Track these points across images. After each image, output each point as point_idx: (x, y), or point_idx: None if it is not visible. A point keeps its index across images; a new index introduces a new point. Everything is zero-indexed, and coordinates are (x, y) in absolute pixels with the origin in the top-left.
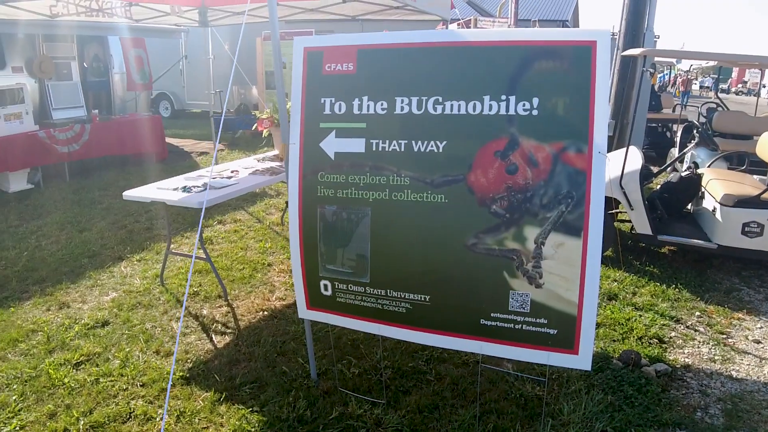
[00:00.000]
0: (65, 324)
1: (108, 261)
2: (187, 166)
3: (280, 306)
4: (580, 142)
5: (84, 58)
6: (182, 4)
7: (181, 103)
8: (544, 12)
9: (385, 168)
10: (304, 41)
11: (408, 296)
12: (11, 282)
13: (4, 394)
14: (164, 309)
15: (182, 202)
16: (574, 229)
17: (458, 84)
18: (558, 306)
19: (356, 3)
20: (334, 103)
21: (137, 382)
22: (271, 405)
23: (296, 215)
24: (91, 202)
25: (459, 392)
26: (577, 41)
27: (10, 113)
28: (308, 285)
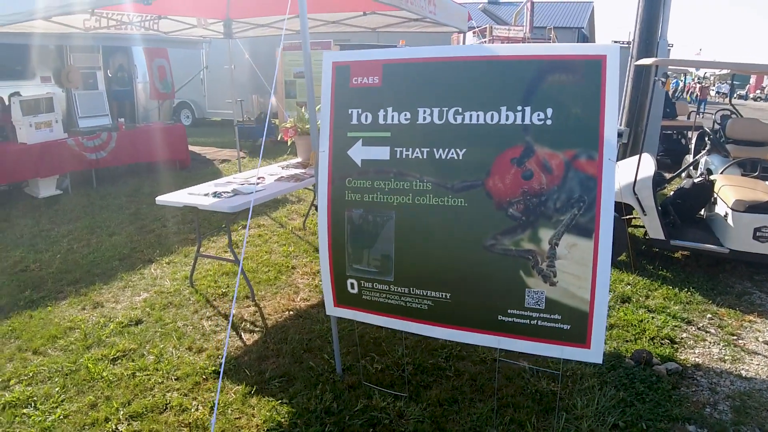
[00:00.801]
0: (100, 322)
1: (138, 263)
2: (209, 173)
3: (304, 306)
4: (591, 149)
5: (109, 68)
6: (208, 16)
7: (202, 112)
8: (560, 19)
9: (409, 174)
10: (332, 56)
11: (430, 294)
12: (47, 283)
13: (47, 386)
14: (195, 308)
15: (213, 206)
16: (586, 230)
17: (477, 95)
18: (571, 303)
19: (376, 16)
20: (361, 113)
21: (172, 376)
22: (299, 397)
23: (325, 218)
24: (119, 208)
25: (477, 387)
26: (588, 55)
27: (41, 122)
28: (336, 283)
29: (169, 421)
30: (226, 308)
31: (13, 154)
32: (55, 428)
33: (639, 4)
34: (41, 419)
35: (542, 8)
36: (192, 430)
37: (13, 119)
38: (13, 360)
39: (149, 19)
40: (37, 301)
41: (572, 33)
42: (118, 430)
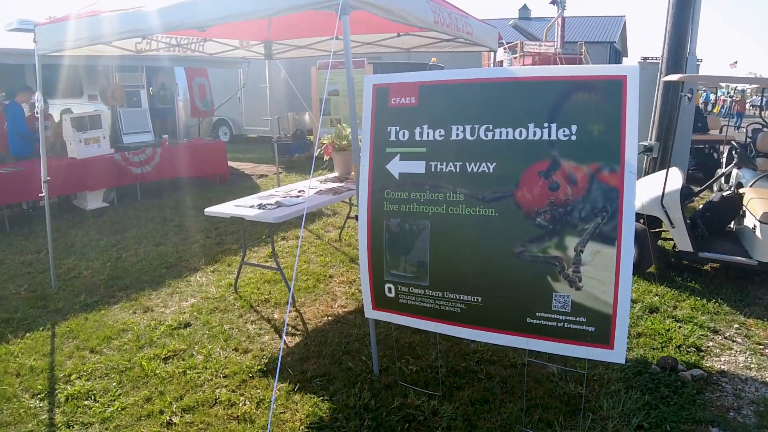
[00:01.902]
0: (151, 325)
1: (184, 271)
2: (248, 188)
3: (342, 312)
4: (614, 163)
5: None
6: (250, 38)
7: (240, 129)
8: (591, 34)
9: (443, 186)
10: (372, 79)
11: (462, 297)
12: (99, 288)
13: (104, 382)
14: (239, 313)
15: (258, 217)
16: (609, 238)
17: (506, 113)
18: (595, 306)
19: (410, 37)
20: (399, 131)
21: (220, 374)
22: (339, 395)
23: (365, 227)
24: (164, 220)
25: (507, 389)
26: (609, 76)
27: (90, 137)
28: (374, 288)
29: (218, 414)
30: (269, 313)
31: (63, 168)
32: (114, 419)
33: (667, 20)
34: (101, 410)
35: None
36: (240, 422)
37: (64, 135)
38: (73, 357)
39: (196, 42)
40: (91, 305)
41: (604, 47)
42: (173, 422)
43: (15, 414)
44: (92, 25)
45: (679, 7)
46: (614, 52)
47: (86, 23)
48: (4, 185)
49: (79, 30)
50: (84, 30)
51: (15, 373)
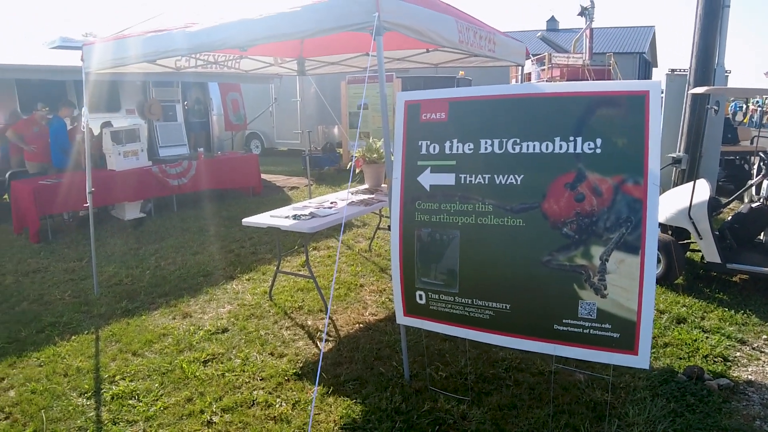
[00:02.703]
0: (190, 330)
1: (221, 279)
2: (280, 199)
3: (373, 320)
4: (637, 175)
5: (187, 101)
6: (283, 55)
7: (271, 142)
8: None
9: (472, 197)
10: (404, 96)
11: (491, 304)
12: (140, 295)
13: (147, 383)
14: (275, 320)
15: (294, 227)
16: (633, 247)
17: (533, 128)
18: (620, 313)
19: (438, 52)
20: (429, 145)
21: (257, 377)
22: (371, 398)
23: (397, 236)
24: (200, 230)
25: (535, 396)
26: (632, 91)
27: (129, 150)
28: (406, 295)
29: (256, 415)
30: (303, 320)
31: (103, 180)
32: (157, 417)
33: (695, 33)
34: (145, 409)
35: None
36: (277, 422)
37: (104, 148)
38: (116, 359)
39: (232, 59)
40: (133, 311)
41: (633, 59)
42: (213, 421)
43: (64, 411)
44: (137, 45)
45: (707, 19)
46: (643, 63)
47: (131, 43)
48: (47, 196)
49: (124, 49)
50: (129, 49)
51: (63, 373)
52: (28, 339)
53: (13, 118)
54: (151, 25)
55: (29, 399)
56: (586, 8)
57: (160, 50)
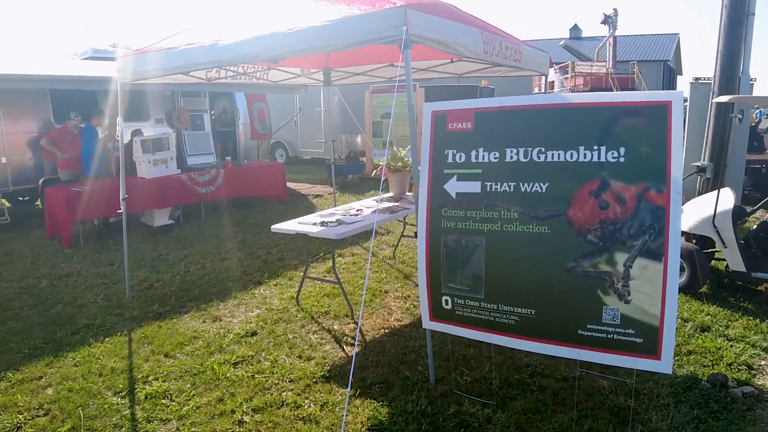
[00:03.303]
0: (220, 333)
1: (249, 284)
2: (305, 207)
3: (398, 326)
4: (660, 183)
5: (214, 110)
6: (310, 66)
7: (295, 151)
8: (644, 53)
9: (498, 205)
10: (431, 106)
11: (516, 310)
12: (170, 299)
13: (179, 383)
14: (302, 324)
15: (321, 234)
16: (656, 254)
17: (558, 137)
18: (643, 319)
19: (462, 63)
20: (456, 153)
21: (286, 379)
22: (397, 401)
23: (423, 243)
24: (227, 237)
25: (559, 401)
26: (655, 101)
27: (158, 159)
28: (432, 300)
29: (286, 415)
30: (329, 324)
31: (133, 187)
32: (190, 416)
33: (719, 41)
34: (177, 408)
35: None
36: (306, 423)
37: (134, 156)
38: (149, 361)
39: (261, 70)
40: (164, 314)
41: (657, 66)
42: (244, 420)
43: (100, 409)
44: (170, 57)
45: (731, 27)
46: (668, 70)
47: (164, 55)
48: (80, 203)
49: (158, 62)
50: (162, 62)
51: (98, 373)
52: (64, 340)
53: (47, 127)
54: (183, 38)
55: (66, 397)
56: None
57: (193, 63)
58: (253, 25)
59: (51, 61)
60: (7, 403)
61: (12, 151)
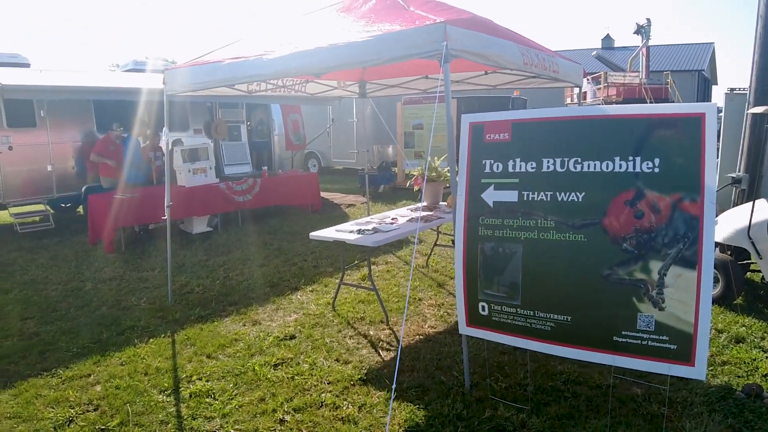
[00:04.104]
0: (260, 336)
1: (286, 290)
2: (338, 216)
3: (432, 332)
4: (694, 193)
5: (250, 121)
6: (346, 79)
7: (327, 161)
8: (679, 62)
9: (534, 213)
10: (469, 117)
11: (552, 316)
12: (211, 303)
13: (222, 383)
14: (338, 329)
15: (359, 241)
16: (690, 262)
17: (594, 148)
18: (677, 325)
19: (497, 74)
20: (493, 163)
21: (325, 381)
22: (433, 404)
23: (461, 250)
24: (264, 244)
25: (593, 407)
26: (689, 113)
27: (198, 168)
28: (468, 306)
29: (325, 415)
30: (365, 330)
31: (174, 195)
32: (233, 414)
33: (755, 51)
34: (221, 407)
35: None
36: (345, 423)
37: (175, 165)
38: (192, 361)
39: (299, 83)
40: (205, 317)
41: (692, 76)
42: (285, 420)
43: (147, 406)
44: (215, 71)
45: (767, 37)
46: (702, 80)
47: (211, 69)
48: (121, 210)
49: (205, 75)
50: (210, 75)
51: (143, 372)
52: (110, 340)
53: (90, 137)
54: (229, 52)
55: (114, 394)
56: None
57: (239, 76)
58: (296, 39)
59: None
60: (59, 398)
61: (57, 159)
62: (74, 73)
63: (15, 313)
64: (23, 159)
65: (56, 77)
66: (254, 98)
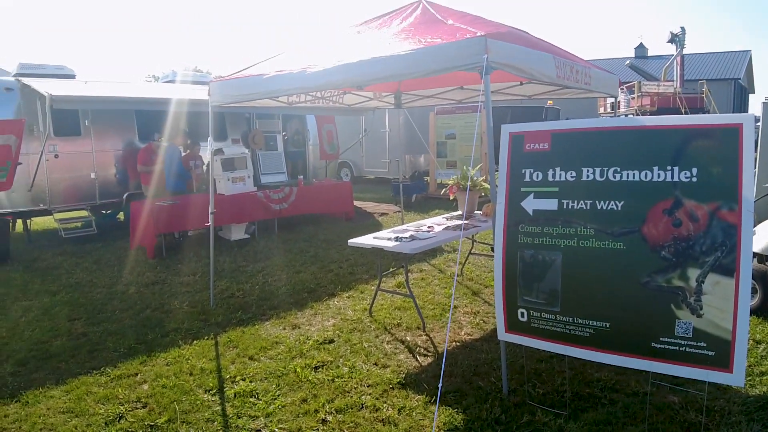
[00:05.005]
0: (300, 339)
1: (323, 296)
2: (371, 225)
3: (469, 339)
4: (732, 202)
5: (286, 132)
6: (382, 90)
7: (359, 170)
8: (714, 71)
9: (574, 221)
10: (509, 128)
11: (591, 323)
12: (252, 307)
13: (265, 384)
14: (376, 334)
15: (397, 248)
16: (728, 270)
17: (632, 157)
18: (715, 332)
19: (532, 85)
20: (533, 172)
21: (364, 383)
22: (471, 409)
23: (500, 257)
24: (300, 251)
25: (630, 414)
26: (727, 124)
27: (237, 176)
28: (508, 312)
29: (366, 417)
30: (402, 336)
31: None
32: (276, 414)
33: None
34: (264, 407)
35: (694, 60)
36: (386, 424)
37: (214, 174)
38: (235, 363)
39: (337, 94)
40: (246, 320)
41: (728, 85)
42: (327, 420)
43: (193, 404)
44: (260, 83)
45: None
46: (739, 89)
47: (254, 82)
48: (163, 216)
49: (251, 87)
50: (253, 87)
51: (188, 372)
52: (155, 341)
53: (131, 147)
54: (272, 65)
55: (161, 393)
56: (676, 35)
57: (285, 88)
58: (338, 52)
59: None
60: (109, 395)
61: (100, 167)
62: (117, 84)
63: (63, 314)
64: (68, 166)
65: (101, 88)
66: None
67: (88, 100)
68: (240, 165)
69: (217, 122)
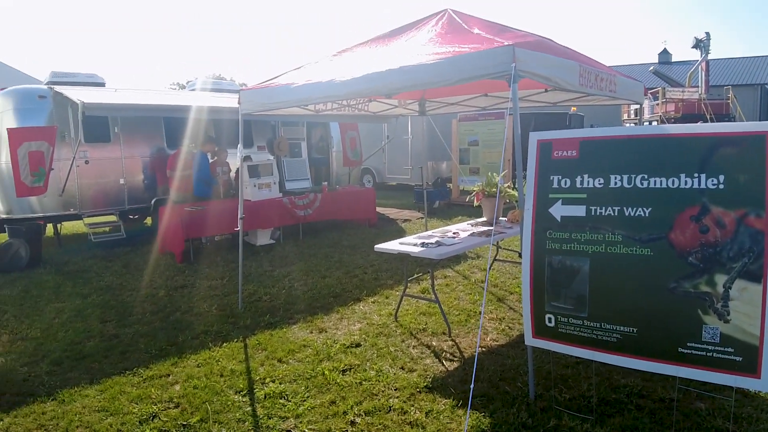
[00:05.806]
0: (327, 343)
1: (349, 300)
2: (394, 231)
3: (494, 345)
4: (759, 209)
5: (311, 139)
6: (407, 98)
7: (382, 177)
8: (739, 76)
9: (602, 228)
10: (537, 135)
11: (619, 328)
12: (279, 311)
13: (294, 386)
14: (402, 338)
15: (423, 254)
16: (755, 276)
17: (660, 165)
18: (743, 338)
19: (557, 92)
20: (561, 179)
21: (391, 387)
22: (498, 413)
23: (528, 263)
24: (325, 256)
25: (656, 420)
26: (753, 132)
27: (263, 183)
28: (535, 318)
29: (393, 419)
30: (428, 340)
31: None
32: (306, 415)
33: None
34: (294, 408)
35: (719, 65)
36: (413, 427)
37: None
38: (264, 365)
39: (362, 102)
40: (274, 324)
41: (754, 90)
42: (356, 422)
43: (224, 404)
44: (289, 92)
45: None
46: (765, 94)
47: (285, 90)
48: (191, 222)
49: (277, 95)
50: (282, 96)
51: (219, 374)
52: (185, 343)
53: (159, 153)
54: (301, 74)
55: (192, 393)
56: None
57: (314, 97)
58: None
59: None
60: (142, 395)
61: (129, 173)
62: (145, 92)
63: (95, 316)
64: (98, 172)
65: (130, 96)
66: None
67: (118, 108)
68: (266, 172)
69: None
